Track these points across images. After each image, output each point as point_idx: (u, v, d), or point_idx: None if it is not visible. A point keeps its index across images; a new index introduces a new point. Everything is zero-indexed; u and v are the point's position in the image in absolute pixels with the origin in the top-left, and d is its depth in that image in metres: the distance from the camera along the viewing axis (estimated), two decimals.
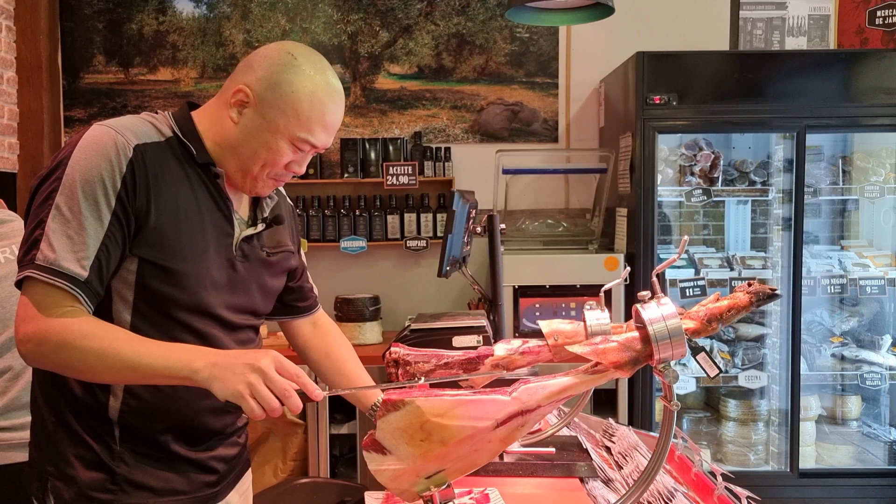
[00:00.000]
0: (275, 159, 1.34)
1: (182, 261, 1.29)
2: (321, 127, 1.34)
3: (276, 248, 1.48)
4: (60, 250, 1.20)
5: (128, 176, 1.24)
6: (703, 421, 3.64)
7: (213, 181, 1.36)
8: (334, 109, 1.35)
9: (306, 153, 1.37)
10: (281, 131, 1.31)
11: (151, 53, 3.91)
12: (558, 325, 1.31)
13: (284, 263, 1.52)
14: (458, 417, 1.09)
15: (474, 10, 3.89)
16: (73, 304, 1.21)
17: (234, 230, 1.38)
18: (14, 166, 3.65)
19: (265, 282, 1.46)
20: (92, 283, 1.22)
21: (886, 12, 3.79)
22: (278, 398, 1.15)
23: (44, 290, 1.20)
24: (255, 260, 1.42)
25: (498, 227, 2.19)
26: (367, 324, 3.45)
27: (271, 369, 1.15)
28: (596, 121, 3.92)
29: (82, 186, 1.22)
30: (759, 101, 3.21)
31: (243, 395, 1.14)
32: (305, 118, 1.31)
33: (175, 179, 1.30)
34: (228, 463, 1.47)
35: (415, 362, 1.56)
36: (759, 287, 1.12)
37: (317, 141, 1.34)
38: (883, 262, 3.49)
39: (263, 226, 1.44)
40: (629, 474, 1.64)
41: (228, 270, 1.37)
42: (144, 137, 1.29)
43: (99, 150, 1.23)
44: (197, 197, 1.33)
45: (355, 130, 3.92)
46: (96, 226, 1.22)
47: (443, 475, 1.14)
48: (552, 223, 3.74)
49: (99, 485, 1.30)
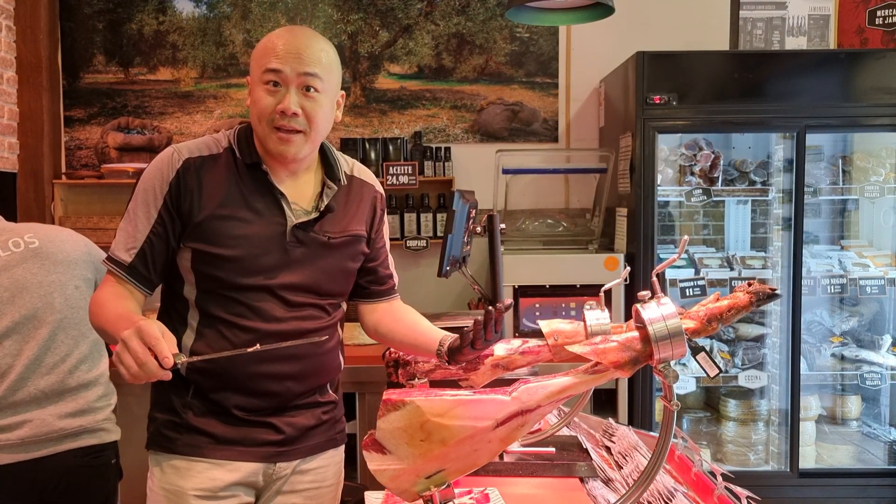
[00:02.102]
0: (257, 105, 1.48)
1: (226, 248, 1.48)
2: (273, 54, 1.46)
3: (341, 233, 1.59)
4: (118, 243, 1.50)
5: (174, 183, 1.48)
6: (703, 421, 3.64)
7: (263, 178, 1.52)
8: (284, 34, 1.49)
9: (282, 87, 1.47)
10: (254, 79, 1.50)
11: (151, 53, 3.91)
12: (558, 325, 1.31)
13: (352, 248, 1.62)
14: (458, 417, 1.09)
15: (474, 10, 3.89)
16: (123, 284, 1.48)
17: (287, 219, 1.52)
18: (14, 166, 3.65)
19: (328, 264, 1.57)
20: (136, 267, 1.48)
21: (886, 12, 3.79)
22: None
23: (108, 275, 1.51)
24: (313, 244, 1.55)
25: (498, 227, 2.19)
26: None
27: (131, 339, 1.25)
28: (596, 121, 3.92)
29: (141, 194, 1.50)
30: (759, 100, 3.21)
31: (115, 364, 1.28)
32: (261, 55, 1.48)
33: (222, 182, 1.51)
34: (299, 429, 1.57)
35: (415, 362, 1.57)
36: (759, 287, 1.12)
37: (272, 65, 1.45)
38: (883, 262, 3.49)
39: (317, 214, 1.55)
40: (629, 474, 1.64)
41: (281, 255, 1.52)
42: (198, 152, 1.52)
43: (158, 165, 1.51)
44: (244, 193, 1.51)
45: (355, 130, 3.92)
46: (145, 223, 1.48)
47: (443, 475, 1.14)
48: (552, 223, 3.74)
49: (169, 425, 1.54)
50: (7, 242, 2.03)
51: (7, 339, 1.95)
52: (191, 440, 1.52)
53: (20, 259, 2.01)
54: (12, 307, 1.96)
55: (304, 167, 1.58)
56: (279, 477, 1.56)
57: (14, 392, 1.94)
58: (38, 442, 1.95)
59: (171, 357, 1.24)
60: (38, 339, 1.97)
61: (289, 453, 1.56)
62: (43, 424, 1.95)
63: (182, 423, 1.53)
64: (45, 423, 1.95)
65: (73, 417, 1.99)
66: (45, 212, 3.69)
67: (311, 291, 1.56)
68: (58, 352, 2.00)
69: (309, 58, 1.46)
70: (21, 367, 1.95)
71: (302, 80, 1.46)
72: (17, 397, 1.94)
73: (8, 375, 1.94)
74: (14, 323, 1.96)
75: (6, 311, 1.96)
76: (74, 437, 1.99)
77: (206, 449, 1.51)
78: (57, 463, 1.96)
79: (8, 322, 1.95)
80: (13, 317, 1.96)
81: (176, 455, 1.52)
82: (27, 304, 1.98)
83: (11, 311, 1.96)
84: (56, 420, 1.96)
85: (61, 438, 1.97)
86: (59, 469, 1.97)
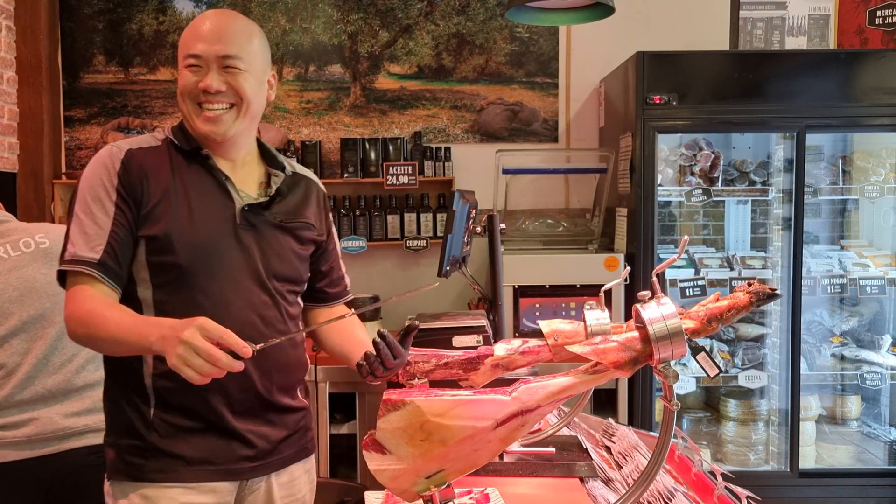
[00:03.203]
0: (182, 85, 1.50)
1: (180, 231, 1.45)
2: (196, 37, 1.49)
3: (294, 218, 1.59)
4: (79, 245, 1.43)
5: (121, 172, 1.46)
6: (703, 421, 3.64)
7: (205, 163, 1.52)
8: (206, 19, 1.51)
9: (203, 68, 1.48)
10: (180, 63, 1.51)
11: (151, 53, 3.91)
12: (558, 325, 1.31)
13: (304, 233, 1.60)
14: (458, 417, 1.09)
15: (474, 10, 3.89)
16: (95, 284, 1.41)
17: (234, 202, 1.51)
18: (14, 166, 3.65)
19: (282, 247, 1.56)
20: (106, 262, 1.41)
21: (886, 12, 3.79)
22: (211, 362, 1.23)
23: (73, 278, 1.43)
24: (266, 227, 1.54)
25: (498, 227, 2.19)
26: (367, 324, 3.45)
27: (195, 337, 1.21)
28: (596, 121, 3.92)
29: (89, 192, 1.45)
30: (759, 101, 3.21)
31: (178, 367, 1.22)
32: (184, 40, 1.51)
33: (169, 171, 1.49)
34: (271, 442, 1.53)
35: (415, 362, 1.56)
36: (759, 287, 1.12)
37: (195, 49, 1.48)
38: (883, 262, 3.49)
39: (267, 198, 1.55)
40: (629, 474, 1.64)
41: (233, 238, 1.49)
42: (137, 144, 1.51)
43: (99, 162, 1.48)
44: (186, 179, 1.50)
45: (355, 130, 3.92)
46: (104, 218, 1.43)
47: (443, 475, 1.14)
48: (552, 223, 3.74)
49: (134, 450, 1.45)
50: (18, 242, 2.05)
51: (15, 338, 1.96)
52: (160, 465, 1.43)
53: (30, 259, 2.02)
54: (21, 306, 1.97)
55: (244, 155, 1.57)
56: (252, 492, 1.52)
57: (21, 390, 1.95)
58: (44, 440, 1.96)
59: (249, 346, 1.22)
60: (46, 338, 1.99)
61: (262, 467, 1.51)
62: (49, 423, 1.96)
63: (148, 447, 1.44)
64: (52, 421, 1.96)
65: (79, 416, 2.00)
66: (45, 212, 3.69)
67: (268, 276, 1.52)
68: (65, 351, 2.01)
69: (229, 39, 1.48)
70: (29, 365, 1.96)
71: (221, 61, 1.48)
72: (24, 395, 1.95)
73: (16, 373, 1.95)
74: (22, 322, 1.97)
75: (14, 311, 1.97)
76: (80, 436, 2.00)
77: (177, 472, 1.43)
78: (62, 461, 1.97)
79: (16, 321, 1.96)
80: (21, 316, 1.97)
81: (145, 483, 1.43)
82: (36, 304, 1.99)
83: (20, 311, 1.97)
84: (62, 419, 1.97)
85: (67, 437, 1.98)
86: (64, 467, 1.98)
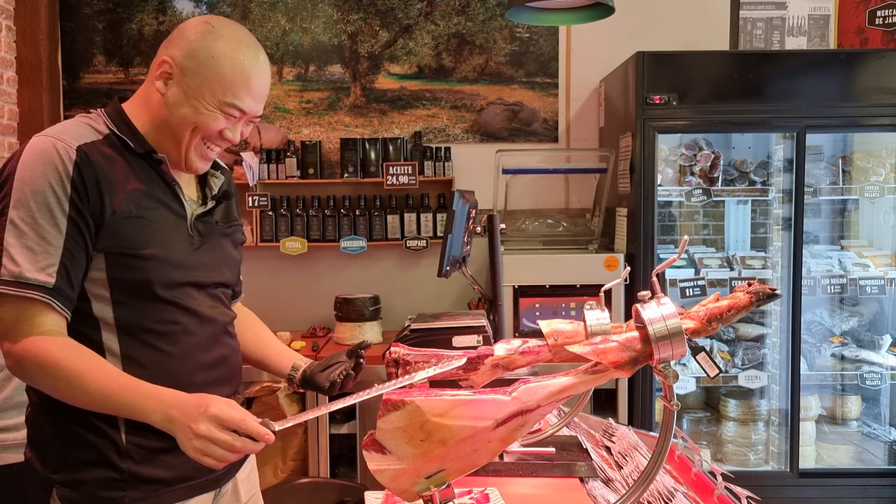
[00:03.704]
0: (207, 124, 1.36)
1: (144, 246, 1.32)
2: (246, 91, 1.37)
3: (230, 221, 1.54)
4: (24, 263, 1.22)
5: (76, 177, 1.26)
6: (703, 421, 3.64)
7: (156, 168, 1.39)
8: (258, 75, 1.39)
9: (238, 120, 1.40)
10: (207, 98, 1.35)
11: (151, 53, 3.88)
12: (558, 325, 1.30)
13: (238, 236, 1.58)
14: (458, 417, 1.09)
15: (474, 10, 3.89)
16: (48, 314, 1.24)
17: (186, 211, 1.42)
18: None
19: (229, 254, 1.52)
20: (62, 288, 1.25)
21: (886, 12, 3.79)
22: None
23: (17, 303, 1.23)
24: (213, 236, 1.47)
25: (498, 227, 2.19)
26: (367, 324, 3.45)
27: (213, 431, 1.16)
28: (596, 121, 3.92)
29: (33, 197, 1.24)
30: (759, 101, 3.21)
31: (198, 459, 1.18)
32: (228, 82, 1.35)
33: (122, 172, 1.33)
34: None
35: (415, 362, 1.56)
36: (759, 287, 1.12)
37: (244, 105, 1.38)
38: (883, 262, 3.49)
39: (213, 203, 1.49)
40: (629, 474, 1.64)
41: (189, 249, 1.41)
42: (83, 139, 1.31)
43: (43, 159, 1.25)
44: (146, 186, 1.36)
45: (355, 130, 3.92)
46: (55, 233, 1.24)
47: (443, 475, 1.14)
48: (552, 223, 3.74)
49: (107, 483, 1.32)
50: None
51: None
52: (140, 493, 1.33)
53: None
54: None
55: None
56: (223, 495, 1.52)
57: (21, 393, 1.95)
58: None
59: (270, 432, 1.18)
60: None
61: (230, 471, 1.51)
62: None
63: (124, 478, 1.31)
64: None
65: None
66: None
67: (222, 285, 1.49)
68: None
69: (265, 98, 1.43)
70: None
71: (253, 118, 1.43)
72: (24, 398, 1.95)
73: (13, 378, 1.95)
74: None
75: None
76: None
77: (158, 497, 1.34)
78: None
79: None
80: None
81: None
82: None
83: None
84: None
85: None
86: None
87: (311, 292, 3.86)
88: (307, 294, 3.86)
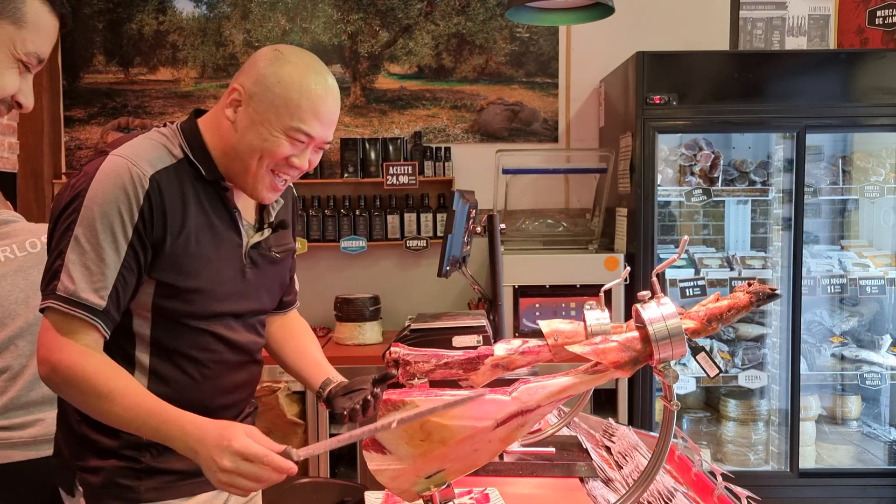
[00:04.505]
0: (272, 150, 1.34)
1: (196, 279, 1.35)
2: (313, 115, 1.35)
3: (283, 247, 1.54)
4: (80, 281, 1.26)
5: (145, 207, 1.28)
6: (703, 421, 3.64)
7: (222, 195, 1.40)
8: (326, 99, 1.37)
9: (305, 146, 1.37)
10: (273, 123, 1.34)
11: (151, 53, 3.91)
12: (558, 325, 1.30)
13: (289, 261, 1.58)
14: (458, 417, 1.09)
15: (474, 10, 3.89)
16: (90, 332, 1.28)
17: (243, 239, 1.43)
18: (14, 166, 3.65)
19: (272, 282, 1.53)
20: (109, 312, 1.28)
21: (886, 12, 3.79)
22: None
23: (63, 319, 1.27)
24: (264, 264, 1.48)
25: (498, 227, 2.19)
26: (367, 324, 3.45)
27: (237, 463, 1.16)
28: (596, 121, 3.92)
29: (100, 219, 1.26)
30: (759, 101, 3.21)
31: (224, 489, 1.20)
32: (295, 106, 1.33)
33: (188, 202, 1.35)
34: None
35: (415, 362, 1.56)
36: (759, 287, 1.12)
37: (311, 130, 1.35)
38: (883, 262, 3.49)
39: (270, 231, 1.48)
40: (629, 474, 1.64)
41: (239, 279, 1.43)
42: (159, 164, 1.32)
43: (117, 183, 1.27)
44: (208, 215, 1.38)
45: (355, 130, 3.92)
46: (113, 257, 1.27)
47: (443, 475, 1.14)
48: (552, 223, 3.74)
49: (125, 472, 1.36)
50: (24, 243, 2.04)
51: (21, 340, 1.96)
52: (155, 483, 1.38)
53: (36, 260, 2.02)
54: (26, 308, 1.97)
55: None
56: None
57: (28, 392, 1.96)
58: (50, 441, 1.96)
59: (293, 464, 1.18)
60: None
61: None
62: (55, 423, 1.97)
63: (142, 468, 1.37)
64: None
65: None
66: (45, 212, 3.69)
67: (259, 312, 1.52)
68: None
69: (333, 125, 1.41)
70: (35, 367, 1.96)
71: (323, 144, 1.41)
72: (30, 397, 1.96)
73: (22, 375, 1.96)
74: (28, 324, 1.97)
75: (20, 312, 1.97)
76: None
77: (173, 488, 1.39)
78: None
79: (21, 323, 1.96)
80: (27, 318, 1.97)
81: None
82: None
83: (25, 312, 1.97)
84: None
85: None
86: None
87: (311, 292, 3.83)
88: (307, 294, 3.81)
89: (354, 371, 3.19)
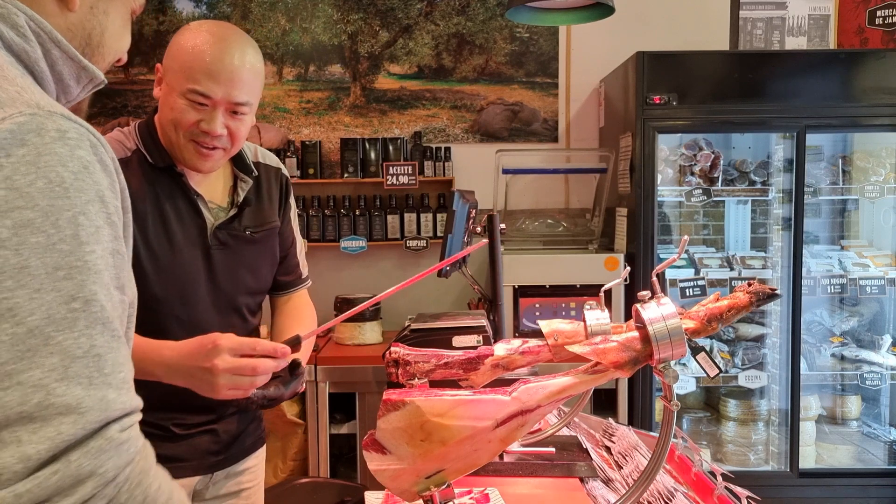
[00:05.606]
0: (178, 118, 1.37)
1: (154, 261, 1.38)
2: (206, 75, 1.35)
3: (261, 226, 1.54)
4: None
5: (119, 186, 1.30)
6: (703, 421, 3.64)
7: (178, 181, 1.44)
8: (221, 58, 1.36)
9: (211, 108, 1.37)
10: (175, 89, 1.37)
11: (151, 53, 3.91)
12: (558, 325, 1.30)
13: (273, 240, 1.58)
14: (458, 417, 1.09)
15: (474, 10, 3.89)
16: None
17: (206, 220, 1.46)
18: None
19: (252, 260, 1.53)
20: None
21: (886, 12, 3.79)
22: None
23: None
24: (236, 244, 1.50)
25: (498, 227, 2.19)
26: (367, 324, 3.45)
27: (231, 363, 1.19)
28: (596, 121, 3.92)
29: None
30: (759, 101, 3.21)
31: (229, 395, 1.23)
32: (188, 68, 1.36)
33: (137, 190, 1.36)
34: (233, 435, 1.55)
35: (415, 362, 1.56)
36: (759, 287, 1.12)
37: (207, 90, 1.35)
38: (883, 262, 3.49)
39: (236, 210, 1.50)
40: (629, 474, 1.64)
41: (205, 259, 1.45)
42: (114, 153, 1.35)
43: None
44: (160, 200, 1.41)
45: (355, 130, 3.92)
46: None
47: (443, 475, 1.14)
48: (552, 223, 3.74)
49: None
50: None
51: None
52: None
53: None
54: None
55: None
56: (214, 483, 1.54)
57: None
58: None
59: (286, 346, 1.20)
60: None
61: (226, 460, 1.54)
62: None
63: None
64: None
65: None
66: None
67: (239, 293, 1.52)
68: None
69: (242, 85, 1.38)
70: None
71: (231, 106, 1.39)
72: None
73: None
74: None
75: None
76: None
77: None
78: None
79: None
80: None
81: None
82: None
83: None
84: None
85: None
86: None
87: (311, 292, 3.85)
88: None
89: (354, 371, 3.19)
